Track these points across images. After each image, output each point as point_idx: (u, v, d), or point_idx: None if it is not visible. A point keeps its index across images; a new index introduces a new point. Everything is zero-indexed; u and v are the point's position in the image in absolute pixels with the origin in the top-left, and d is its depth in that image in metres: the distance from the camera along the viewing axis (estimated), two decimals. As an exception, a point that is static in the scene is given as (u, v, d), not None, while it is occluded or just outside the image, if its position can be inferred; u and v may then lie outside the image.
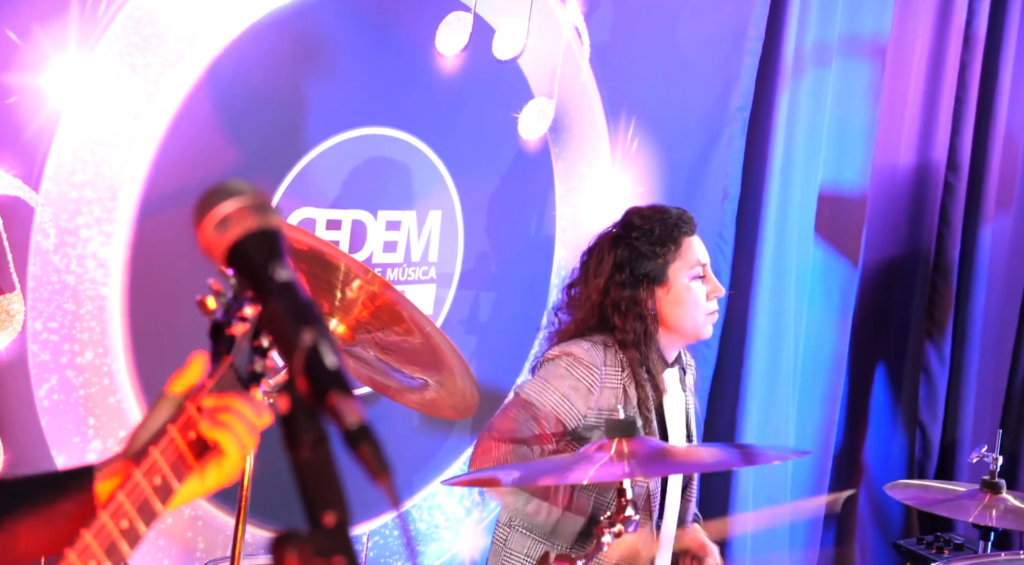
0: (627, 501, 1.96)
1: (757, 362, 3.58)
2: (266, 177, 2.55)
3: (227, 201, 0.92)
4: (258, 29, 2.46)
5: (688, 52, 3.27)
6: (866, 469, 4.12)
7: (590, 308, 2.41)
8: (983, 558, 2.46)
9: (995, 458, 2.56)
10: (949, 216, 4.17)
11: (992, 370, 4.39)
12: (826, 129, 3.71)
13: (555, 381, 2.29)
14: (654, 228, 2.41)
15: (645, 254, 2.38)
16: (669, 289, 2.39)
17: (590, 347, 2.33)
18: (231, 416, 1.03)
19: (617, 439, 1.97)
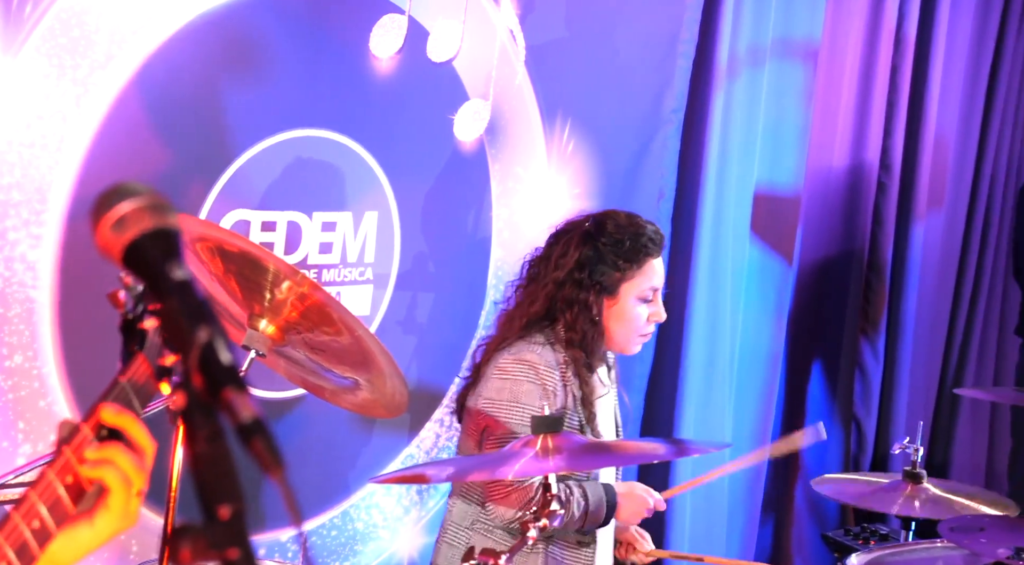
0: (552, 496, 2.00)
1: (694, 359, 3.63)
2: (199, 179, 2.56)
3: (124, 202, 0.94)
4: (189, 31, 2.46)
5: (623, 55, 3.32)
6: (802, 463, 4.19)
7: (544, 297, 2.44)
8: (903, 547, 2.53)
9: (916, 449, 2.62)
10: (882, 215, 4.26)
11: (925, 365, 4.49)
12: (760, 130, 3.77)
13: (525, 398, 2.33)
14: (625, 241, 2.44)
15: (607, 263, 2.42)
16: (616, 303, 2.44)
17: (540, 350, 2.38)
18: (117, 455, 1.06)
19: (542, 435, 2.00)
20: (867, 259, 4.26)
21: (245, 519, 0.87)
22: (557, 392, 2.36)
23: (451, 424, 3.11)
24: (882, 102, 4.18)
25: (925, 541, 2.55)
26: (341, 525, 2.91)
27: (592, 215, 2.53)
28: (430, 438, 3.10)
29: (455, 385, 3.12)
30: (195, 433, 0.89)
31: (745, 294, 3.86)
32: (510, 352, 2.40)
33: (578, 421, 2.41)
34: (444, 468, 2.10)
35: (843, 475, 2.80)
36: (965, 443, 4.61)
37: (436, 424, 3.11)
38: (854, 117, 4.16)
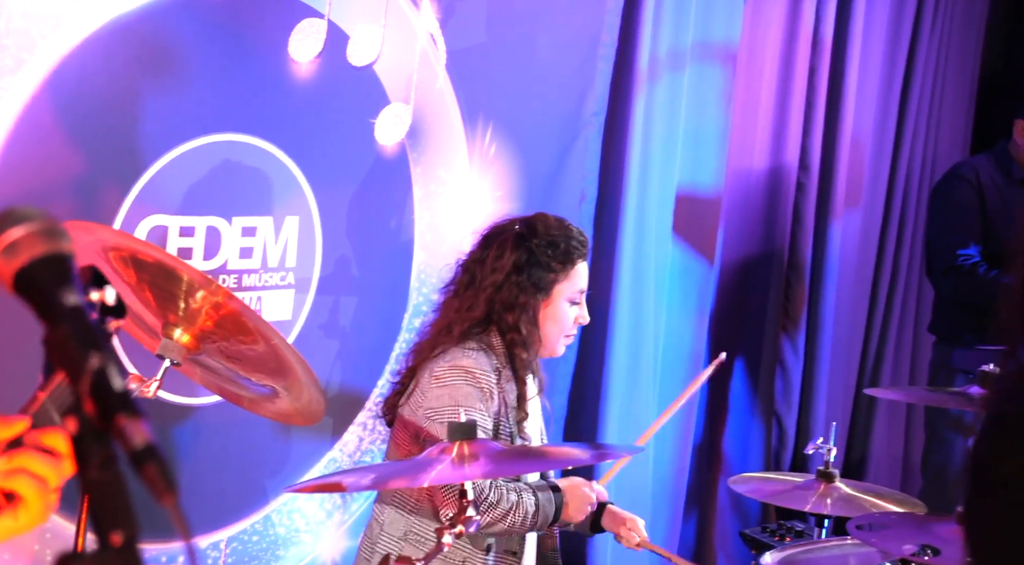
0: (468, 502, 2.02)
1: (618, 360, 3.67)
2: (114, 185, 2.54)
3: (14, 227, 0.94)
4: (102, 35, 2.44)
5: (543, 58, 3.35)
6: (725, 459, 4.26)
7: (484, 301, 2.47)
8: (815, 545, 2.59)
9: (829, 449, 2.68)
10: (801, 215, 4.33)
11: (844, 362, 4.58)
12: (682, 132, 3.82)
13: (465, 401, 2.35)
14: (558, 243, 2.48)
15: (543, 264, 2.46)
16: (550, 304, 2.48)
17: (475, 355, 2.40)
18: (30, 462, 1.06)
19: (458, 442, 2.02)
20: (787, 258, 4.33)
21: (137, 546, 0.87)
22: (494, 396, 2.39)
23: (374, 427, 3.12)
24: (800, 104, 4.25)
25: (836, 538, 2.61)
26: (263, 530, 2.91)
27: (521, 218, 2.57)
28: (353, 442, 3.11)
29: (379, 389, 3.14)
30: (88, 460, 0.89)
31: (668, 294, 3.91)
32: (444, 360, 2.41)
33: (509, 429, 2.44)
34: (362, 476, 2.11)
35: (759, 474, 2.85)
36: (882, 440, 4.72)
37: (359, 428, 3.12)
38: (773, 119, 4.23)
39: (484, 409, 2.37)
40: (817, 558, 2.59)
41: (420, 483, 1.93)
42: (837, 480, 2.66)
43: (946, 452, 3.85)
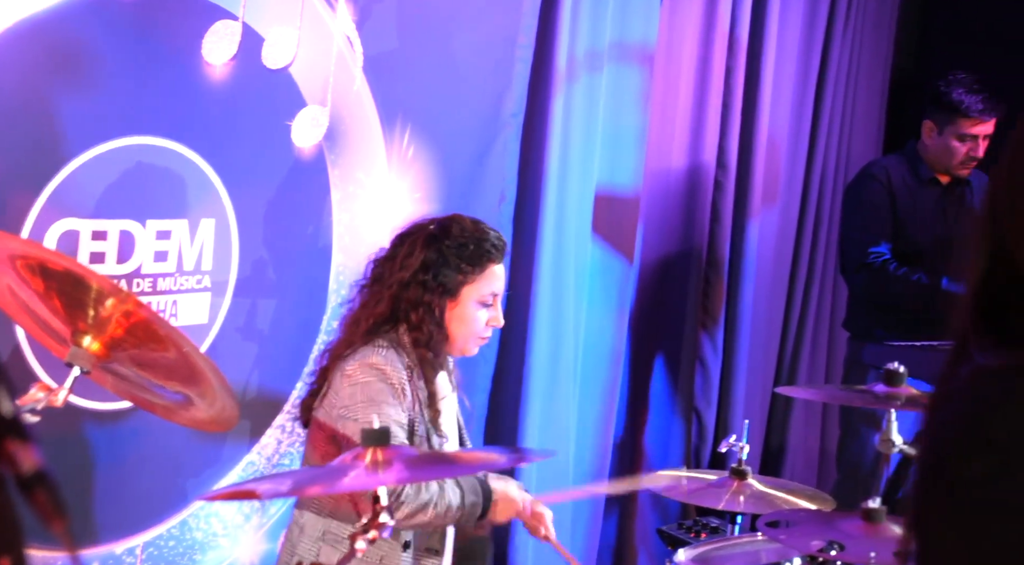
0: (381, 507, 2.03)
1: (538, 359, 3.70)
2: (23, 189, 2.50)
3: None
4: (11, 36, 2.40)
5: (461, 60, 3.36)
6: (646, 456, 4.31)
7: (389, 298, 2.48)
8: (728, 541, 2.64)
9: (742, 447, 2.73)
10: (719, 213, 4.39)
11: (762, 358, 4.65)
12: (600, 132, 3.85)
13: (379, 396, 2.37)
14: (469, 244, 2.50)
15: (451, 266, 2.48)
16: (457, 305, 2.50)
17: (385, 353, 2.42)
18: None
19: (371, 448, 2.03)
20: (706, 256, 4.39)
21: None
22: (406, 392, 2.40)
23: (293, 430, 3.11)
24: (717, 104, 4.31)
25: (749, 535, 2.67)
26: (179, 535, 2.89)
27: (438, 218, 2.59)
28: (271, 444, 3.10)
29: (297, 391, 3.13)
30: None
31: (588, 293, 3.94)
32: (355, 358, 2.43)
33: (424, 427, 2.45)
34: (277, 483, 2.11)
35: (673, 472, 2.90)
36: (800, 435, 4.81)
37: (278, 431, 3.11)
38: (691, 118, 4.28)
39: (398, 404, 2.38)
40: (730, 555, 2.64)
41: (334, 490, 1.94)
42: (750, 477, 2.71)
43: (860, 446, 3.93)
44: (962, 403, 1.08)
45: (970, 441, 1.05)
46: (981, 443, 1.04)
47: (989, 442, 1.03)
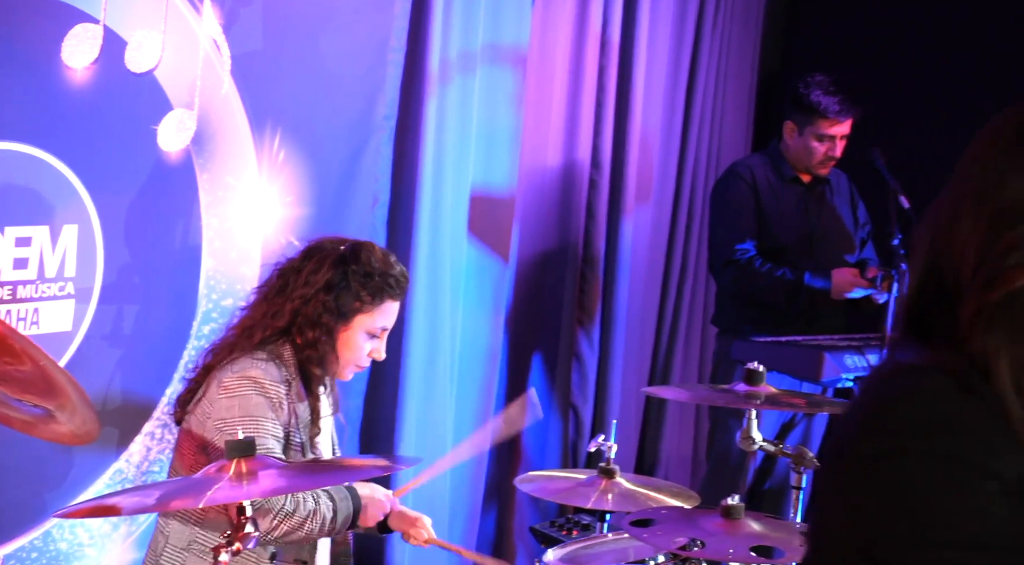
0: (246, 519, 2.03)
1: (415, 361, 3.71)
2: None
3: None
4: None
5: (331, 63, 3.35)
6: (524, 453, 4.36)
7: (289, 312, 2.47)
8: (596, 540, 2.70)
9: (610, 446, 2.79)
10: (594, 211, 4.46)
11: (637, 353, 4.74)
12: (474, 134, 3.88)
13: (256, 410, 2.35)
14: (374, 275, 2.51)
15: (352, 291, 2.49)
16: (347, 331, 2.50)
17: (264, 365, 2.41)
18: None
19: (236, 459, 2.03)
20: (581, 253, 4.45)
21: None
22: (283, 406, 2.40)
23: (163, 437, 3.08)
24: (591, 103, 4.37)
25: (616, 533, 2.73)
26: (42, 546, 2.83)
27: (351, 240, 2.59)
28: (140, 452, 3.06)
29: (167, 398, 3.10)
30: None
31: (464, 293, 3.97)
32: (233, 370, 2.41)
33: (300, 441, 2.45)
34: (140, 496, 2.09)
35: (543, 473, 2.95)
36: (674, 431, 4.91)
37: (147, 438, 3.07)
38: (565, 118, 4.34)
39: (275, 418, 2.38)
40: (598, 553, 2.69)
41: (200, 504, 1.93)
42: (618, 476, 2.77)
43: (728, 440, 4.03)
44: (872, 394, 1.17)
45: (869, 425, 1.13)
46: (879, 427, 1.11)
47: (886, 427, 1.10)
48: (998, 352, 1.11)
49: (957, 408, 1.10)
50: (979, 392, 1.10)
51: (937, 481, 1.06)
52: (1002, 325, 1.12)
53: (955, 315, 1.15)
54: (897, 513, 1.07)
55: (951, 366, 1.13)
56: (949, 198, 1.20)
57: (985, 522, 1.05)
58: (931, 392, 1.11)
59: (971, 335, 1.13)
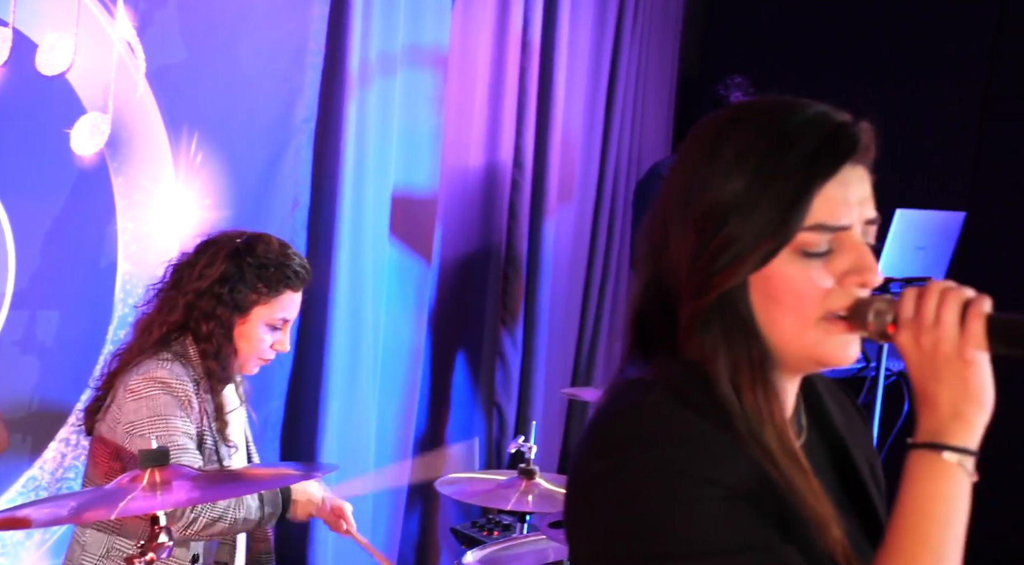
0: (160, 528, 2.02)
1: (337, 361, 3.70)
2: None
3: None
4: None
5: (249, 66, 3.33)
6: (446, 452, 4.37)
7: (184, 306, 2.46)
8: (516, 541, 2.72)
9: (530, 447, 2.82)
10: (517, 211, 4.48)
11: (560, 352, 4.78)
12: (396, 135, 3.88)
13: (165, 409, 2.34)
14: (270, 266, 2.50)
15: (248, 284, 2.48)
16: (245, 323, 2.50)
17: (170, 365, 2.40)
18: None
19: (149, 470, 2.01)
20: (504, 253, 4.47)
21: None
22: (192, 404, 2.39)
23: (78, 443, 3.04)
24: (513, 104, 4.39)
25: (535, 534, 2.75)
26: (-43, 560, 2.79)
27: (248, 233, 2.58)
28: (55, 459, 3.02)
29: (82, 404, 3.06)
30: None
31: (387, 294, 3.97)
32: (139, 372, 2.40)
33: (212, 439, 2.44)
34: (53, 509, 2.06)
35: (464, 474, 2.96)
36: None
37: (61, 444, 3.03)
38: (487, 119, 4.35)
39: (185, 416, 2.37)
40: (517, 554, 2.72)
41: (111, 515, 1.92)
42: (537, 476, 2.79)
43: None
44: (601, 411, 1.21)
45: (596, 443, 1.17)
46: (603, 445, 1.15)
47: (609, 445, 1.14)
48: (715, 354, 1.16)
49: (672, 421, 1.13)
50: (694, 402, 1.14)
51: (657, 493, 1.09)
52: (717, 327, 1.16)
53: (675, 324, 1.19)
54: (623, 529, 1.10)
55: (668, 378, 1.17)
56: (661, 206, 1.22)
57: (708, 529, 1.08)
58: (648, 407, 1.14)
59: (688, 342, 1.17)
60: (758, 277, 1.16)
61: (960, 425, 1.12)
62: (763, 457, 1.13)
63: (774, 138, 1.16)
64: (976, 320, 1.10)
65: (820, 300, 1.16)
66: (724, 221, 1.15)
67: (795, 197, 1.14)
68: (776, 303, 1.16)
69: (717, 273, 1.15)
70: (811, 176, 1.14)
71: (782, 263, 1.15)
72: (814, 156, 1.15)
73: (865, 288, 1.17)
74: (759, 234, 1.14)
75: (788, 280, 1.15)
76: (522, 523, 2.84)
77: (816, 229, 1.15)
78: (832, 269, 1.16)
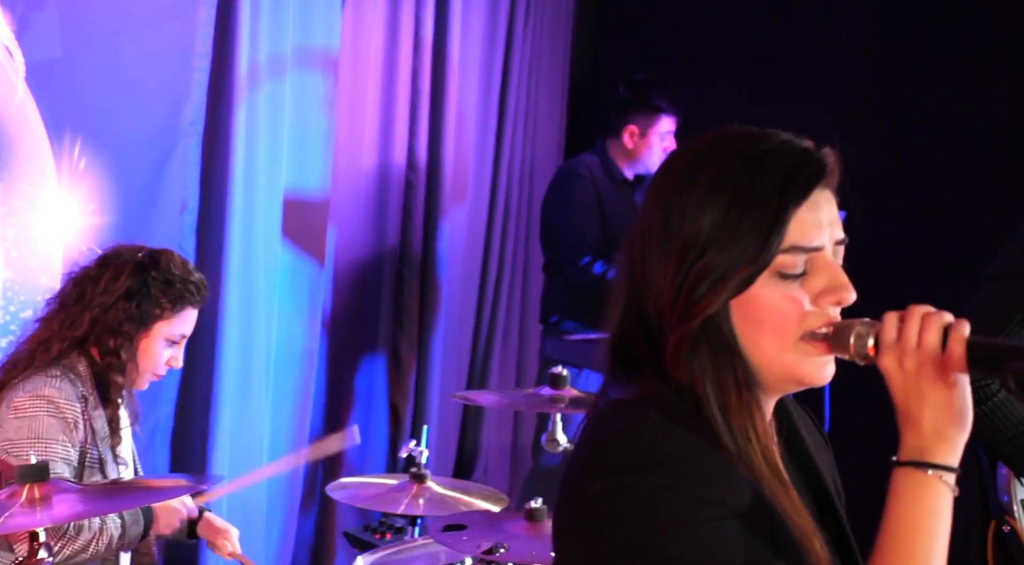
0: (39, 544, 1.99)
1: (228, 366, 3.67)
2: None
3: None
4: None
5: (133, 70, 3.28)
6: (344, 454, 4.36)
7: (88, 321, 2.42)
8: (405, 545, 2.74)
9: (421, 451, 2.84)
10: (411, 212, 4.48)
11: (456, 353, 4.80)
12: (287, 137, 3.85)
13: (47, 433, 2.31)
14: (175, 282, 2.50)
15: (153, 299, 2.47)
16: (147, 338, 2.48)
17: (59, 384, 2.37)
18: None
19: (28, 485, 1.99)
20: (399, 254, 4.47)
21: None
22: (79, 425, 2.36)
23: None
24: (405, 105, 4.39)
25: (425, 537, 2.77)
26: None
27: (148, 248, 2.57)
28: (-64, 475, 2.94)
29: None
30: None
31: (279, 297, 3.94)
32: (25, 389, 2.36)
33: (98, 455, 2.42)
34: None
35: (356, 479, 2.97)
36: (492, 434, 4.97)
37: (-57, 459, 2.96)
38: (380, 120, 4.35)
39: (67, 440, 2.34)
40: (408, 558, 2.73)
41: (-10, 533, 1.89)
42: (429, 480, 2.82)
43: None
44: (594, 430, 1.24)
45: (591, 466, 1.20)
46: (599, 467, 1.18)
47: (605, 467, 1.17)
48: (703, 376, 1.21)
49: (670, 441, 1.17)
50: (688, 423, 1.19)
51: (658, 514, 1.13)
52: (704, 350, 1.21)
53: (659, 347, 1.23)
54: (623, 549, 1.14)
55: (660, 399, 1.21)
56: (639, 236, 1.27)
57: (707, 548, 1.13)
58: (644, 427, 1.18)
59: (676, 365, 1.22)
60: (739, 300, 1.21)
61: (943, 444, 1.19)
62: (750, 475, 1.18)
63: (747, 167, 1.21)
64: (957, 344, 1.16)
65: (799, 320, 1.21)
66: (704, 250, 1.20)
67: (772, 223, 1.19)
68: (758, 324, 1.21)
69: (700, 300, 1.20)
70: (786, 201, 1.20)
71: (761, 286, 1.20)
72: (787, 182, 1.21)
73: (840, 306, 1.23)
74: (739, 261, 1.19)
75: (768, 302, 1.21)
76: (413, 526, 2.85)
77: (792, 251, 1.20)
78: (808, 289, 1.22)
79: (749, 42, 4.83)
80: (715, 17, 4.95)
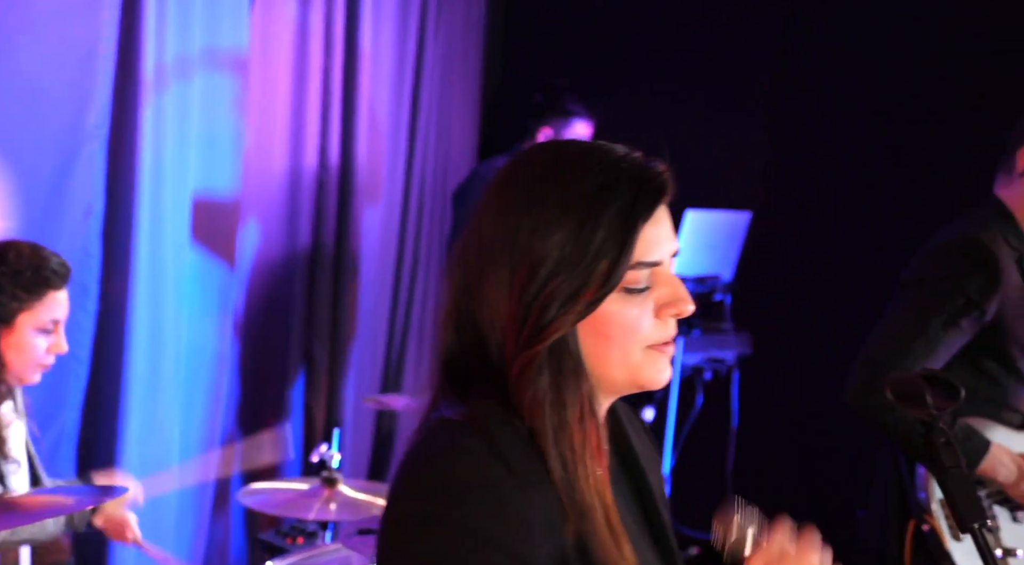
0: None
1: (137, 371, 3.62)
2: None
3: None
4: None
5: (34, 73, 3.22)
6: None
7: None
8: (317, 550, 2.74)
9: (332, 455, 2.84)
10: (324, 212, 4.47)
11: (370, 355, 4.79)
12: (195, 139, 3.81)
13: None
14: (26, 271, 2.42)
15: (6, 293, 2.41)
16: (12, 333, 2.42)
17: None
18: None
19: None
20: (312, 255, 4.45)
21: None
22: None
23: None
24: (317, 105, 4.37)
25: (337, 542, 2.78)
26: None
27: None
28: None
29: None
30: None
31: (189, 300, 3.91)
32: None
33: None
34: None
35: (267, 484, 2.95)
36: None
37: None
38: (291, 120, 4.32)
39: None
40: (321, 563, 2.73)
41: None
42: (340, 484, 2.82)
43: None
44: (417, 448, 1.24)
45: (402, 487, 1.21)
46: (408, 490, 1.19)
47: (413, 491, 1.18)
48: (544, 400, 1.20)
49: (480, 476, 1.16)
50: (507, 455, 1.18)
51: (452, 554, 1.13)
52: (548, 372, 1.21)
53: (494, 365, 1.23)
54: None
55: (484, 424, 1.20)
56: (476, 249, 1.25)
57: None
58: (461, 455, 1.18)
59: (519, 389, 1.20)
60: (586, 318, 1.22)
61: None
62: (575, 513, 1.18)
63: (597, 186, 1.21)
64: None
65: (644, 333, 1.24)
66: (556, 271, 1.20)
67: (623, 244, 1.20)
68: (605, 339, 1.23)
69: (550, 323, 1.19)
70: (634, 221, 1.21)
71: (608, 302, 1.22)
72: (634, 202, 1.22)
73: (680, 317, 1.26)
74: (590, 282, 1.20)
75: (615, 317, 1.22)
76: (324, 530, 2.85)
77: (638, 267, 1.23)
78: (652, 302, 1.24)
79: (658, 46, 4.89)
80: (622, 20, 5.01)
